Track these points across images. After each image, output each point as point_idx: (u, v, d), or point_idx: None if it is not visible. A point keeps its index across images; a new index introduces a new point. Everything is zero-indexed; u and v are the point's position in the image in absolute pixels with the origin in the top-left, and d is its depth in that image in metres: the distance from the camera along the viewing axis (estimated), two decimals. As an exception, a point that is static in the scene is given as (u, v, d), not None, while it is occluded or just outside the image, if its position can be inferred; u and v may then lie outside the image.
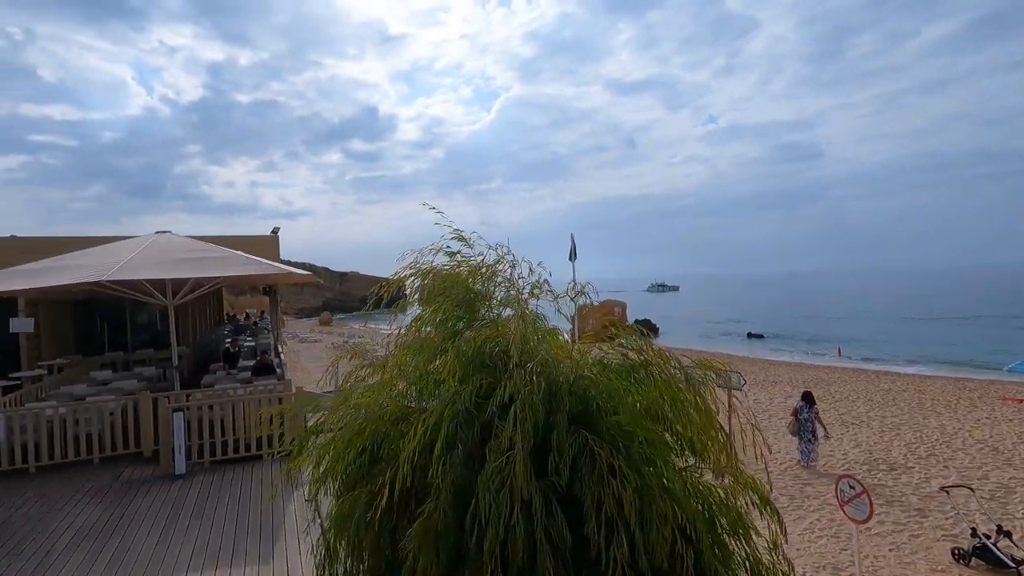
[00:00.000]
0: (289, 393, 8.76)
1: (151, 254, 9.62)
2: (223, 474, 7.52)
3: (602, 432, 2.07)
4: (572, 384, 2.18)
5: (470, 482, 2.15)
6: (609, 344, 2.59)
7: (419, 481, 2.25)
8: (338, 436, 2.59)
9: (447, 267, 2.97)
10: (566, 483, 1.96)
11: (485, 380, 2.24)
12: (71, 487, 7.18)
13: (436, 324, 2.88)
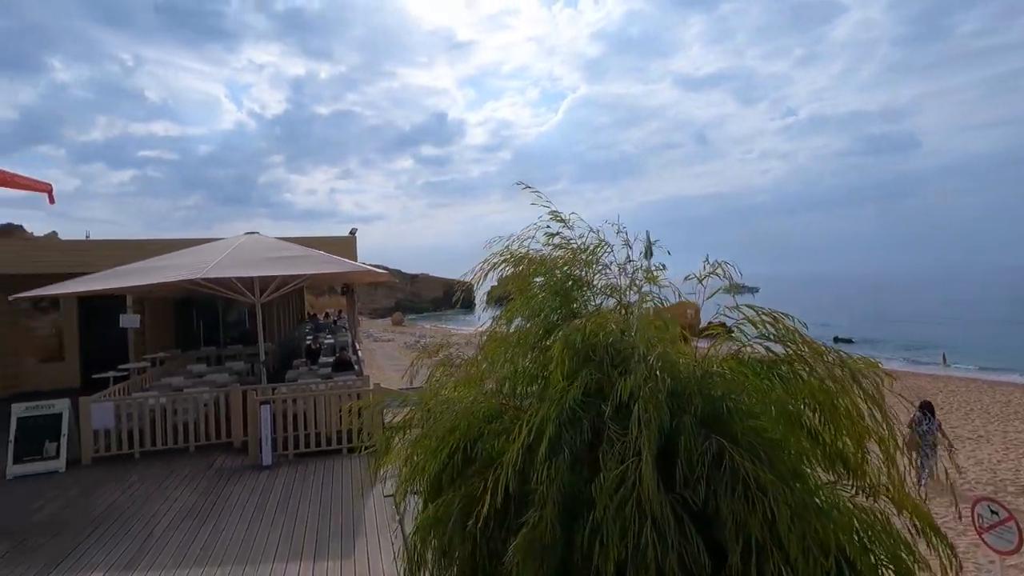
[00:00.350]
0: (367, 389, 8.87)
1: (241, 254, 10.10)
2: (306, 467, 7.69)
3: (737, 438, 1.76)
4: (699, 382, 1.88)
5: (578, 491, 1.90)
6: (727, 337, 2.24)
7: (517, 487, 2.01)
8: (428, 433, 2.41)
9: (541, 252, 2.73)
10: (702, 499, 1.66)
11: (593, 376, 1.98)
12: (170, 473, 7.59)
13: (529, 315, 2.65)
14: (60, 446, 7.90)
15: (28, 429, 7.84)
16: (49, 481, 7.45)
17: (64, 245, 13.85)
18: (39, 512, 6.42)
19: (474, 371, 2.72)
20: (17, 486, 7.33)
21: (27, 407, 7.96)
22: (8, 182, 14.10)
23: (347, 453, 8.26)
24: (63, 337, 14.33)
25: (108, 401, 8.23)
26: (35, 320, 14.10)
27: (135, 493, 6.89)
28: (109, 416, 8.17)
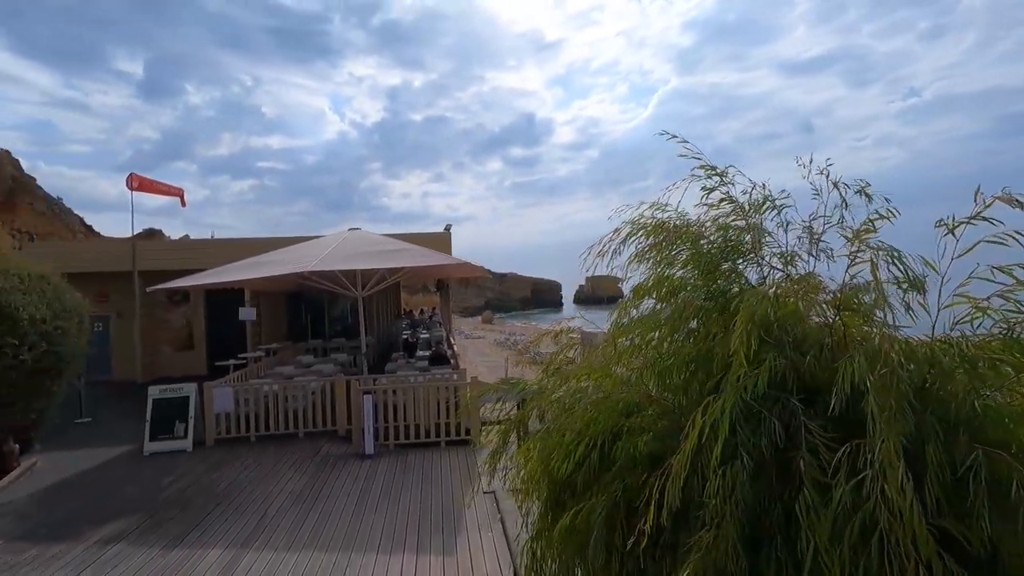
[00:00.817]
0: (465, 382, 8.78)
1: (344, 249, 10.42)
2: (406, 457, 7.71)
3: (1008, 448, 1.25)
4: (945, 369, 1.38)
5: (762, 508, 1.48)
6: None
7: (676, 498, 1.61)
8: (559, 427, 2.07)
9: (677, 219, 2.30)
10: (987, 534, 1.17)
11: (779, 361, 1.53)
12: (281, 456, 7.91)
13: (666, 294, 2.23)
14: (188, 427, 8.51)
15: (161, 410, 8.53)
16: (178, 459, 8.04)
17: (192, 244, 15.19)
18: (169, 488, 6.89)
19: (602, 358, 2.34)
20: (152, 462, 7.98)
21: (161, 390, 8.67)
22: (149, 188, 15.76)
23: (445, 446, 8.21)
24: (192, 328, 15.74)
25: (228, 386, 8.77)
26: (169, 313, 15.60)
27: (251, 474, 7.22)
28: (229, 400, 8.70)
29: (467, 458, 7.63)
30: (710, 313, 1.90)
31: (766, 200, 2.03)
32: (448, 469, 7.22)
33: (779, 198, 2.05)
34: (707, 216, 2.15)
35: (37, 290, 7.86)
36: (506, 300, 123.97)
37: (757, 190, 2.01)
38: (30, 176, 35.16)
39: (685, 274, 2.25)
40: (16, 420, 7.73)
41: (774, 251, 1.99)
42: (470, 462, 7.46)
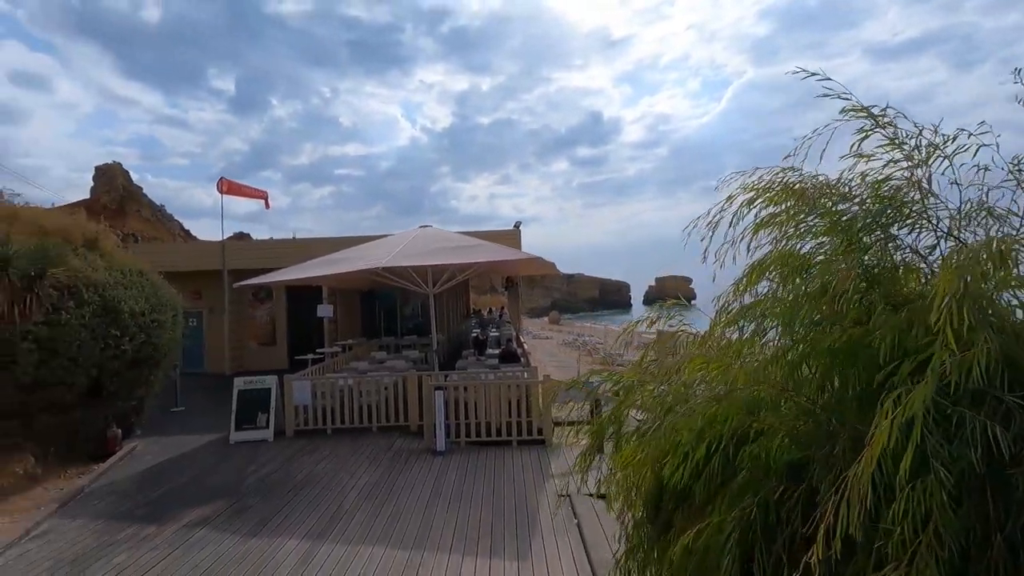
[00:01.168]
0: (537, 380, 8.53)
1: (416, 246, 10.48)
2: (477, 455, 7.55)
3: None
4: None
5: (973, 539, 1.10)
6: None
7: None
8: (670, 426, 1.74)
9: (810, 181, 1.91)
10: None
11: (994, 349, 1.14)
12: (355, 450, 7.99)
13: (792, 270, 1.85)
14: (269, 418, 8.81)
15: (245, 401, 8.88)
16: (260, 448, 8.32)
17: (275, 243, 15.96)
18: (252, 476, 7.10)
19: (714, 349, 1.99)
20: (237, 450, 8.30)
21: (245, 381, 9.03)
22: (237, 191, 16.71)
23: (516, 445, 7.99)
24: (275, 324, 16.53)
25: (306, 380, 9.00)
26: (255, 310, 16.48)
27: (327, 466, 7.32)
28: (307, 393, 8.92)
29: (540, 458, 7.37)
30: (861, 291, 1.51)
31: (934, 147, 1.60)
32: (520, 469, 6.99)
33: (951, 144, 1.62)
34: (853, 172, 1.74)
35: (137, 285, 8.40)
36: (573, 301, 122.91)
37: (927, 133, 1.59)
38: (138, 186, 38.68)
39: (820, 246, 1.86)
40: (119, 407, 8.28)
41: (950, 212, 1.56)
42: (543, 463, 7.19)
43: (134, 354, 8.09)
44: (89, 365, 7.40)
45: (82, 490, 6.78)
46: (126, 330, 7.85)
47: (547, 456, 7.45)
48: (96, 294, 7.48)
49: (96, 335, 7.43)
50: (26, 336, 6.53)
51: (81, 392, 7.50)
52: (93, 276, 7.50)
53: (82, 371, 7.31)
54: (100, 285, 7.57)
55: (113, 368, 7.81)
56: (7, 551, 5.20)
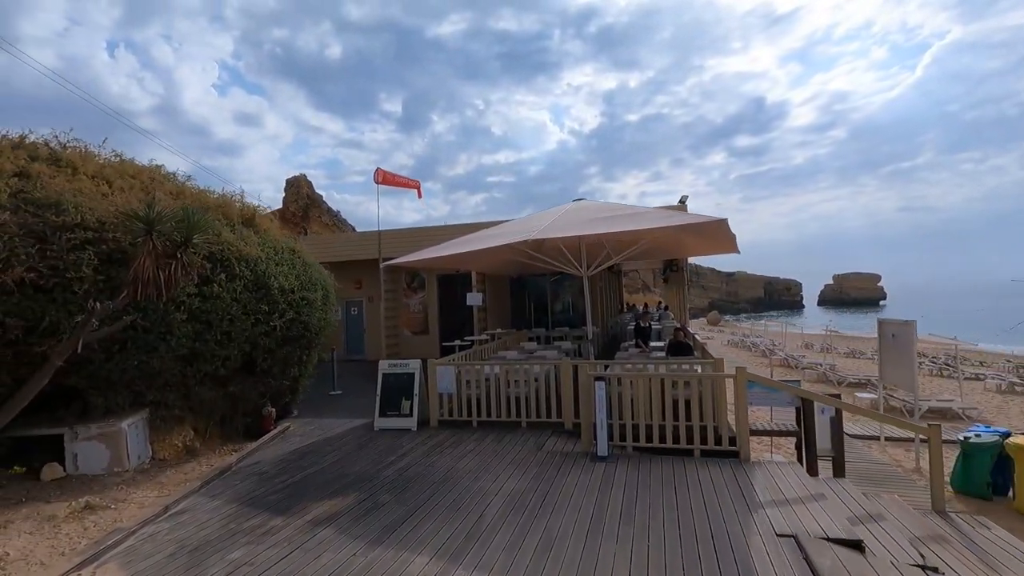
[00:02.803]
0: (724, 373, 6.64)
1: (569, 219, 9.17)
2: (649, 467, 5.92)
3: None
4: None
5: None
6: None
7: None
8: None
9: None
10: None
11: None
12: (501, 448, 6.87)
13: None
14: (412, 405, 8.11)
15: (389, 386, 8.29)
16: (402, 437, 7.61)
17: (426, 230, 15.82)
18: (390, 467, 6.32)
19: None
20: (380, 437, 7.69)
21: (390, 364, 8.46)
22: (391, 181, 16.97)
23: (700, 456, 6.20)
24: (427, 313, 16.44)
25: (450, 366, 8.15)
26: (408, 298, 16.56)
27: (469, 463, 6.28)
28: (451, 380, 8.06)
29: (736, 477, 5.51)
30: None
31: None
32: (711, 490, 5.22)
33: None
34: None
35: (287, 262, 8.24)
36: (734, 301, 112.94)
37: None
38: (319, 193, 43.41)
39: None
40: (273, 386, 8.18)
41: None
42: (742, 483, 5.33)
43: (284, 331, 7.89)
44: (242, 340, 7.26)
45: (229, 468, 6.55)
46: (275, 306, 7.65)
47: (745, 474, 5.57)
48: (248, 268, 7.34)
49: (248, 310, 7.27)
50: (180, 306, 6.44)
51: (236, 367, 7.42)
52: (245, 250, 7.37)
53: (235, 345, 7.19)
54: (252, 260, 7.43)
55: (265, 345, 7.65)
56: (142, 529, 4.89)
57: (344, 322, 16.98)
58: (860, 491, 5.34)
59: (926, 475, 8.25)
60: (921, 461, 8.51)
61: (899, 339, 8.80)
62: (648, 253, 12.52)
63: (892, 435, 10.04)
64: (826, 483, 5.47)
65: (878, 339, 9.64)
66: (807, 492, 5.12)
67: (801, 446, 7.10)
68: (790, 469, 5.76)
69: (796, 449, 7.26)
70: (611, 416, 6.57)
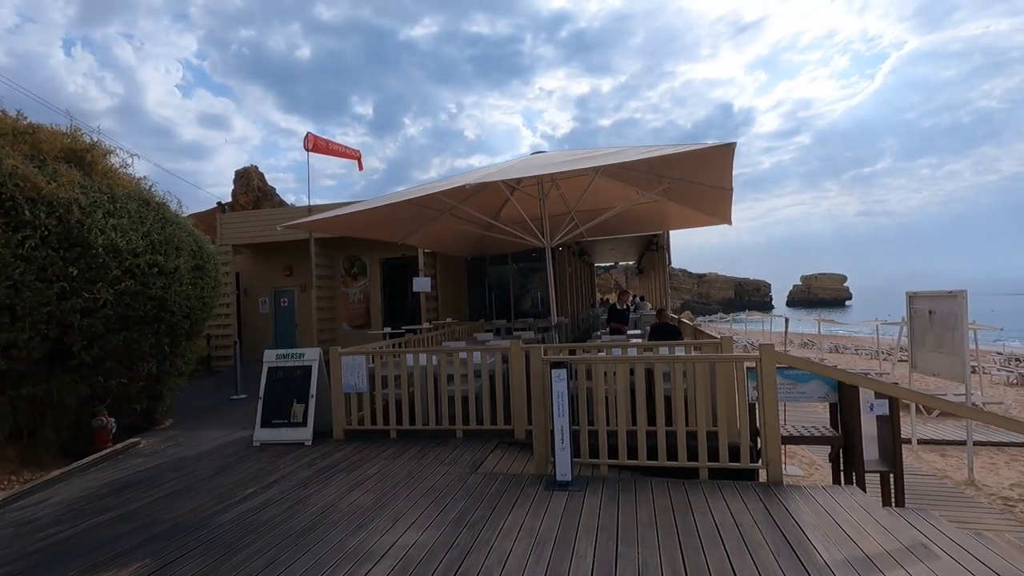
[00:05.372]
0: (736, 356, 4.64)
1: (525, 166, 7.11)
2: (635, 498, 3.84)
3: None
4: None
5: None
6: None
7: None
8: None
9: None
10: None
11: None
12: (421, 470, 4.72)
13: None
14: (307, 410, 5.89)
15: (277, 384, 6.06)
16: (286, 456, 5.39)
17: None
18: (239, 505, 4.10)
19: None
20: (254, 456, 5.45)
21: (278, 355, 6.21)
22: (324, 149, 14.67)
23: (708, 478, 4.17)
24: (370, 303, 14.17)
25: (360, 356, 5.96)
26: (349, 286, 14.25)
27: (362, 498, 4.10)
28: (361, 375, 5.88)
29: (770, 513, 3.47)
30: None
31: None
32: (736, 541, 3.16)
33: None
34: None
35: (132, 214, 5.93)
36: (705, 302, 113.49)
37: None
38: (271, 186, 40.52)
39: None
40: (110, 386, 5.85)
41: None
42: (784, 526, 3.29)
43: (121, 310, 5.60)
44: (40, 318, 4.95)
45: (-12, 512, 4.24)
46: (100, 272, 5.36)
47: (783, 507, 3.54)
48: (51, 215, 5.03)
49: (48, 275, 4.96)
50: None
51: (34, 358, 5.09)
52: (48, 190, 5.05)
53: (27, 326, 4.87)
54: (60, 204, 5.11)
55: (86, 327, 5.34)
56: None
57: (272, 315, 14.57)
58: (968, 533, 3.36)
59: (984, 489, 6.41)
60: (978, 473, 6.67)
61: (941, 316, 6.96)
62: (624, 223, 10.54)
63: (925, 437, 8.24)
64: (910, 521, 3.47)
65: (907, 320, 7.81)
66: (894, 542, 3.11)
67: (839, 458, 5.14)
68: (849, 498, 3.75)
69: (831, 462, 5.29)
70: (577, 421, 4.50)
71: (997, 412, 10.46)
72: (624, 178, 8.06)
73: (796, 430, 5.26)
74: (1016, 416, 10.46)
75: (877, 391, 4.58)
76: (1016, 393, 13.19)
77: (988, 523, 5.18)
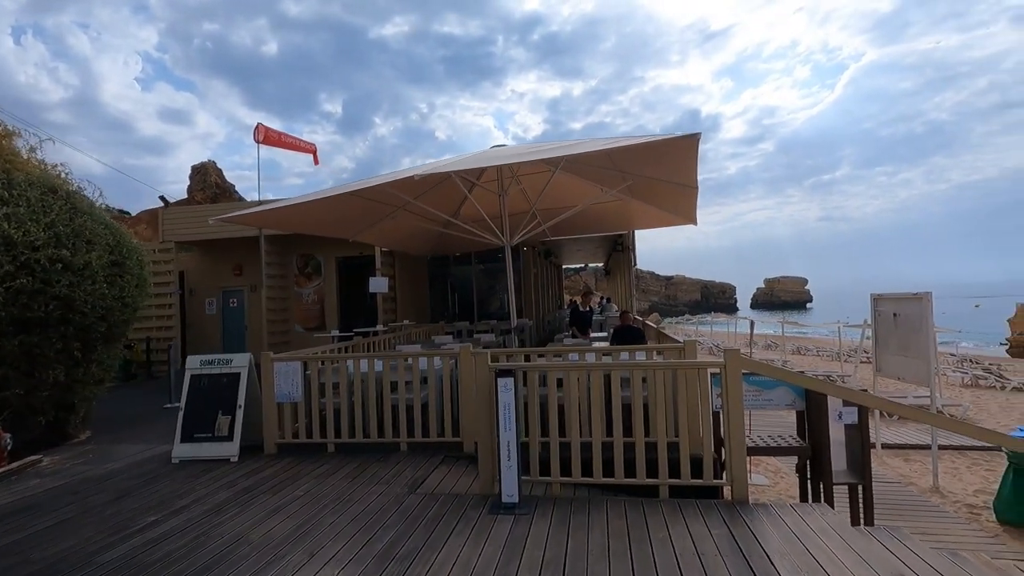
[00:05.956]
0: (700, 363, 4.30)
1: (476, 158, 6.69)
2: (587, 524, 3.44)
3: None
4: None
5: None
6: None
7: None
8: None
9: None
10: None
11: None
12: (354, 491, 4.22)
13: None
14: (234, 422, 5.31)
15: (200, 394, 5.46)
16: (207, 474, 4.82)
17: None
18: (134, 538, 3.53)
19: None
20: (170, 475, 4.86)
21: (203, 361, 5.61)
22: (276, 142, 13.94)
23: (670, 496, 3.81)
24: (324, 304, 13.49)
25: (295, 361, 5.41)
26: (303, 287, 13.54)
27: (280, 527, 3.59)
28: (296, 382, 5.34)
29: (736, 540, 3.11)
30: None
31: None
32: (695, 568, 2.78)
33: None
34: None
35: (32, 202, 5.25)
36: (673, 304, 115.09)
37: None
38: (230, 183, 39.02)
39: None
40: (5, 396, 5.16)
41: None
42: (751, 555, 2.93)
43: (19, 311, 4.92)
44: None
45: None
46: (-14, 267, 4.68)
47: (750, 531, 3.19)
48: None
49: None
50: None
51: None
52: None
53: None
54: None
55: (-30, 331, 4.66)
56: None
57: (220, 317, 13.75)
58: (944, 554, 3.06)
59: (949, 496, 6.26)
60: (942, 479, 6.53)
61: (905, 319, 6.81)
62: (589, 223, 10.21)
63: (889, 442, 8.13)
64: (884, 543, 3.16)
65: (872, 322, 7.68)
66: (869, 571, 2.79)
67: (806, 468, 4.86)
68: (819, 518, 3.43)
69: (798, 473, 5.01)
70: (527, 432, 4.08)
71: (956, 414, 10.52)
72: (587, 174, 7.71)
73: (763, 440, 4.96)
74: (972, 418, 10.54)
75: (846, 399, 4.30)
76: (971, 394, 13.40)
77: (957, 535, 4.98)
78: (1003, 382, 14.45)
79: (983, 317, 47.83)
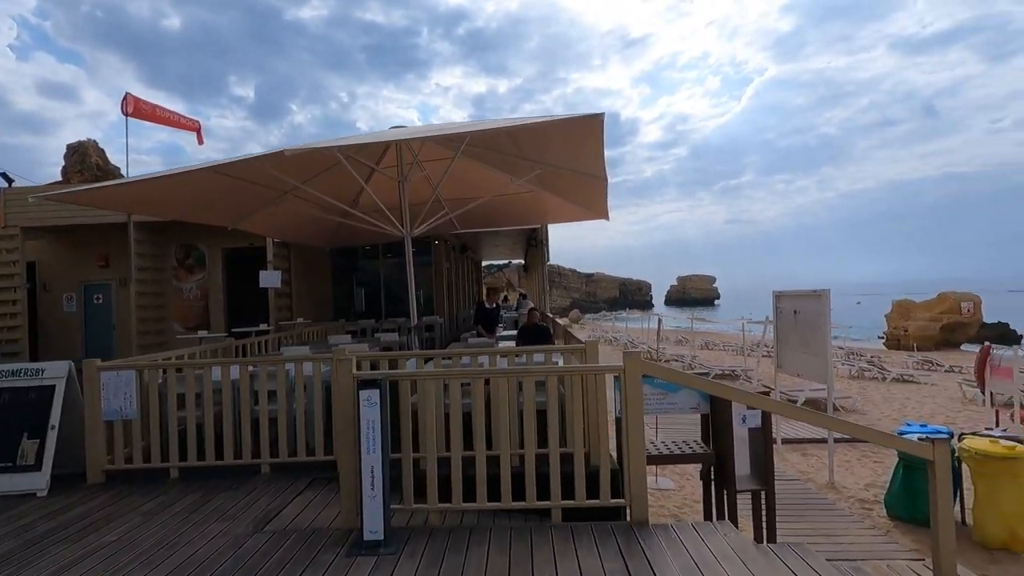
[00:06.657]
0: (602, 367, 3.87)
1: (366, 137, 5.97)
2: (464, 556, 2.88)
3: None
4: None
5: None
6: None
7: None
8: None
9: None
10: None
11: None
12: (187, 528, 3.41)
13: None
14: (43, 448, 4.27)
15: (2, 411, 4.36)
16: (3, 514, 3.80)
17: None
18: None
19: None
20: (-58, 522, 3.78)
21: (4, 373, 4.50)
22: (150, 116, 12.34)
23: (563, 520, 3.34)
24: (209, 300, 12.09)
25: (128, 370, 4.44)
26: (183, 281, 12.04)
27: (63, 591, 2.74)
28: (130, 396, 4.38)
29: (627, 567, 2.68)
30: None
31: None
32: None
33: None
34: None
35: None
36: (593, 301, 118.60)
37: None
38: (115, 166, 35.06)
39: None
40: None
41: None
42: (646, 598, 2.49)
43: None
44: None
45: None
46: None
47: (647, 564, 2.76)
48: None
49: None
50: None
51: None
52: None
53: None
54: None
55: None
56: None
57: (82, 315, 11.94)
58: (847, 570, 2.79)
59: (843, 492, 6.33)
60: (836, 474, 6.61)
61: (805, 316, 6.86)
62: (502, 215, 9.70)
63: (789, 436, 8.26)
64: (789, 565, 2.84)
65: (773, 318, 7.73)
66: (777, 608, 2.43)
67: (710, 474, 4.60)
68: (721, 539, 3.08)
69: (702, 480, 4.74)
70: (399, 447, 3.46)
71: (846, 406, 11.06)
72: (495, 162, 7.18)
73: (667, 447, 4.64)
74: (860, 409, 11.13)
75: (749, 404, 4.04)
76: (858, 385, 14.32)
77: (854, 534, 4.93)
78: (884, 373, 15.59)
79: (864, 313, 52.72)
